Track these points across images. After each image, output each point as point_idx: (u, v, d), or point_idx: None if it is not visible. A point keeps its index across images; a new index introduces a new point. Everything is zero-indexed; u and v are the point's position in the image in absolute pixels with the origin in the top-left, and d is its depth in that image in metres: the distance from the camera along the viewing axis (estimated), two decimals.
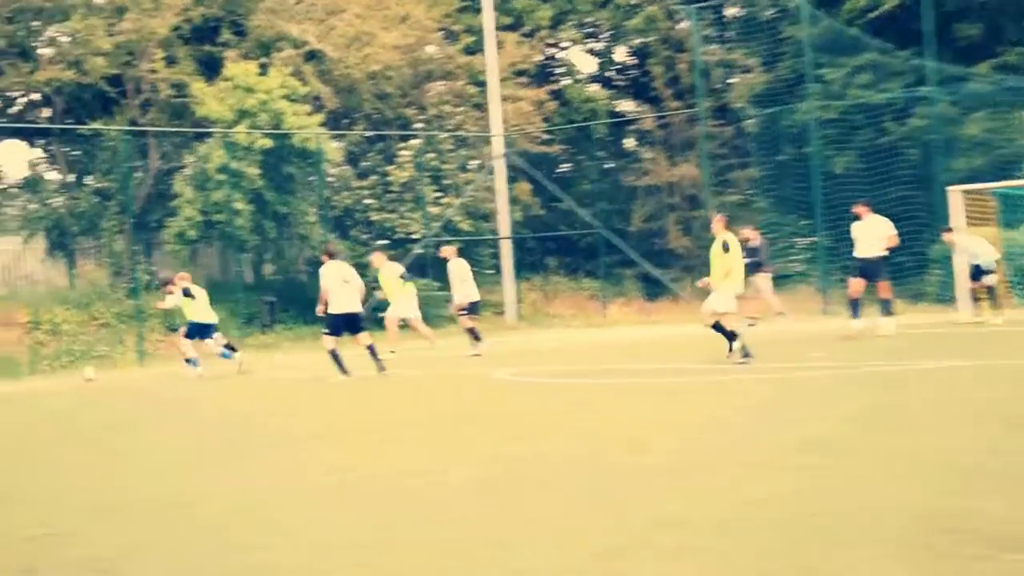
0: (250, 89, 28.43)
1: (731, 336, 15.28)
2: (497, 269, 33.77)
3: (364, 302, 17.96)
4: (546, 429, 10.16)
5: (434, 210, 32.17)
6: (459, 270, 21.89)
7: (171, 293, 20.22)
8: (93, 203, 30.47)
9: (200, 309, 19.90)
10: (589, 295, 34.51)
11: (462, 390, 14.71)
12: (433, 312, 31.33)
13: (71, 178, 32.64)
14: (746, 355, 14.92)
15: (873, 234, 18.95)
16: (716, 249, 15.75)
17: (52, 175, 34.04)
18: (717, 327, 15.44)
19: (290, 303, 30.66)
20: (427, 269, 31.24)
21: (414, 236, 31.62)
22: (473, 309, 21.79)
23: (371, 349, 17.30)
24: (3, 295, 29.12)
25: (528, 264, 35.29)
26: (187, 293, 19.79)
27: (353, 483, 7.94)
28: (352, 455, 9.37)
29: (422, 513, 6.68)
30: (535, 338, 26.38)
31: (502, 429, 10.34)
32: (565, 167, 39.52)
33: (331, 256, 17.44)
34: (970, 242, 21.95)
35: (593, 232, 33.47)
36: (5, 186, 42.22)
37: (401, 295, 21.97)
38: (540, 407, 12.11)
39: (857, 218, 19.37)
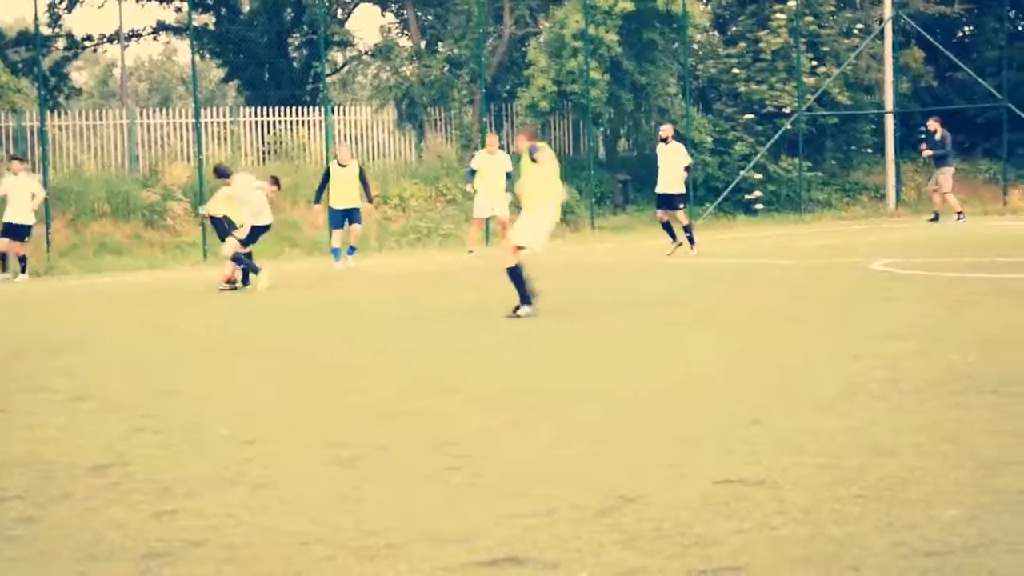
0: None
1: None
2: (877, 148, 32.63)
3: None
4: (924, 329, 9.86)
5: (809, 81, 31.32)
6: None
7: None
8: (444, 71, 31.60)
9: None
10: (986, 178, 32.85)
11: (834, 280, 14.47)
12: (806, 196, 30.76)
13: (423, 45, 33.90)
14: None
15: None
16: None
17: (404, 42, 35.48)
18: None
19: (644, 183, 30.88)
20: (799, 147, 30.60)
21: (785, 110, 30.95)
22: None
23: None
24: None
25: (914, 143, 33.84)
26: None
27: (712, 376, 8.04)
28: (713, 348, 9.46)
29: (780, 410, 6.69)
30: (918, 225, 25.44)
31: (875, 326, 10.12)
32: (966, 31, 37.37)
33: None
34: None
35: (996, 106, 31.65)
36: (357, 53, 44.59)
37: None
38: (917, 303, 11.73)
39: None
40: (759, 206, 30.37)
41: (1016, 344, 8.94)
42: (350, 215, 20.42)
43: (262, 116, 29.62)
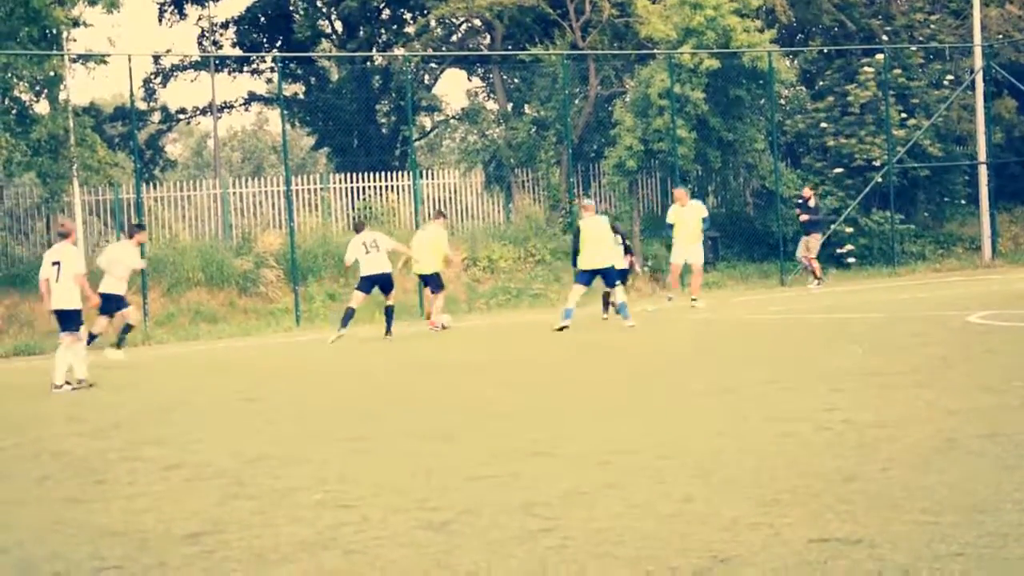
0: (697, 5, 28.50)
1: None
2: (972, 199, 32.17)
3: None
4: (1022, 382, 9.67)
5: (899, 133, 31.02)
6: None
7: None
8: (531, 133, 31.83)
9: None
10: None
11: (929, 333, 14.25)
12: (899, 248, 30.42)
13: (509, 107, 34.21)
14: None
15: None
16: None
17: (491, 105, 35.83)
18: None
19: (734, 239, 30.73)
20: (890, 200, 30.28)
21: (875, 163, 30.67)
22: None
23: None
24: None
25: (1009, 193, 33.32)
26: None
27: (802, 433, 7.94)
28: (802, 404, 9.35)
29: (875, 467, 6.59)
30: (1015, 277, 24.99)
31: (973, 378, 9.93)
32: None
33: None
34: None
35: None
36: (445, 117, 45.08)
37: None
38: (1016, 356, 11.50)
39: None
40: (851, 260, 30.06)
41: None
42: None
43: (351, 182, 30.03)
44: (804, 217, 26.63)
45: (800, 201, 27.00)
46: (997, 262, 30.16)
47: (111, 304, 18.02)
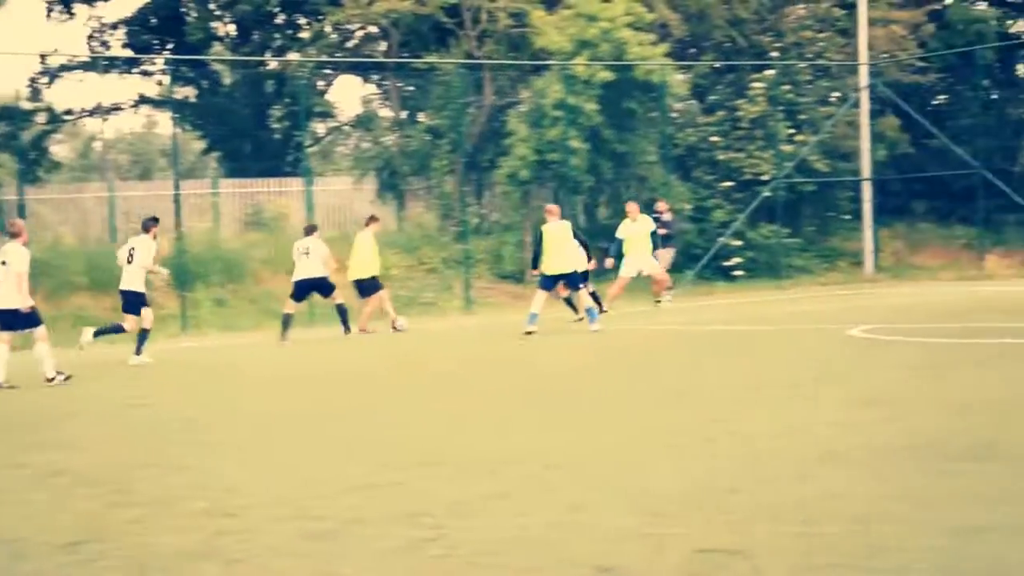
0: (593, 17, 28.73)
1: None
2: (855, 214, 32.85)
3: None
4: (901, 395, 9.88)
5: (787, 148, 31.60)
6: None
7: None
8: (424, 141, 31.78)
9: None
10: (963, 244, 33.06)
11: (812, 346, 14.50)
12: (785, 262, 30.92)
13: (404, 115, 34.13)
14: None
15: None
16: None
17: (385, 112, 35.72)
18: None
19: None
20: (776, 214, 30.79)
21: (763, 177, 31.19)
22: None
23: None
24: (335, 238, 30.90)
25: (891, 209, 34.10)
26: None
27: (688, 444, 8.03)
28: (690, 415, 9.46)
29: (758, 478, 6.68)
30: (896, 291, 25.56)
31: (853, 392, 10.13)
32: (940, 99, 37.78)
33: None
34: None
35: (971, 172, 31.93)
36: (338, 124, 44.84)
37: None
38: (895, 369, 11.76)
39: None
40: (738, 272, 30.50)
41: (992, 410, 8.96)
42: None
43: (243, 187, 29.71)
44: (662, 231, 26.11)
45: (655, 215, 26.73)
46: (879, 276, 30.83)
47: (132, 301, 17.86)
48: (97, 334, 18.19)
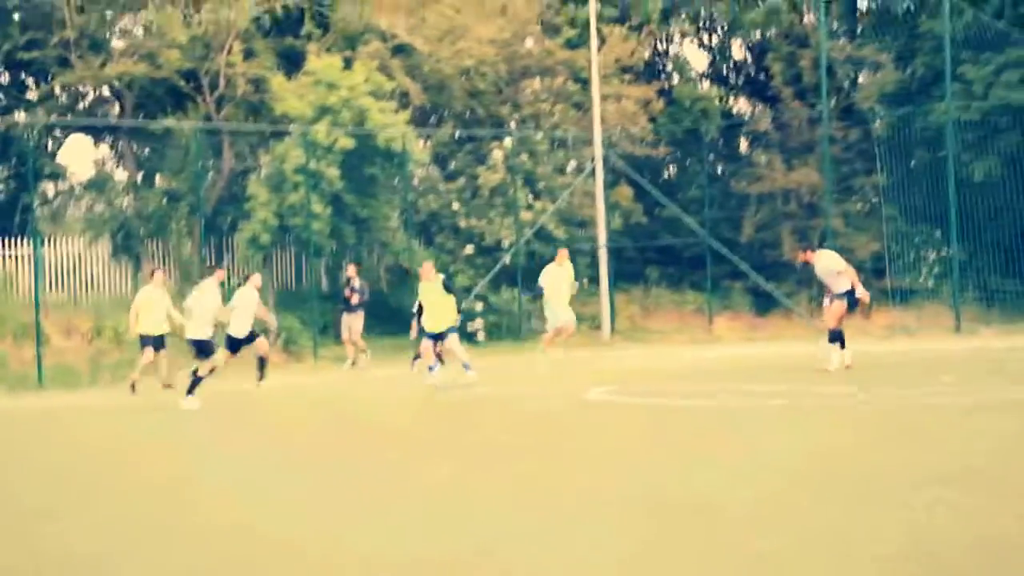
0: (332, 85, 28.73)
1: None
2: (593, 280, 33.72)
3: None
4: (633, 457, 10.11)
5: (526, 216, 32.24)
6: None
7: None
8: (162, 204, 31.04)
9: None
10: (693, 309, 34.31)
11: (552, 410, 14.71)
12: (526, 326, 31.44)
13: (140, 178, 33.27)
14: None
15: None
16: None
17: (119, 174, 34.74)
18: None
19: (369, 313, 30.90)
20: (517, 279, 31.32)
21: (504, 243, 31.71)
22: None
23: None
24: (64, 301, 29.78)
25: (626, 275, 35.18)
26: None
27: (408, 506, 8.00)
28: (429, 480, 9.43)
29: (480, 544, 6.69)
30: (632, 354, 26.28)
31: (585, 451, 10.31)
32: (670, 171, 39.32)
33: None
34: None
35: (699, 242, 33.29)
36: (70, 185, 43.30)
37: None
38: (631, 430, 12.05)
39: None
40: (480, 335, 30.83)
41: (717, 467, 9.24)
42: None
43: None
44: (355, 299, 26.12)
45: (347, 279, 26.52)
46: (615, 339, 31.66)
47: (202, 349, 17.58)
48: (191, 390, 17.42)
